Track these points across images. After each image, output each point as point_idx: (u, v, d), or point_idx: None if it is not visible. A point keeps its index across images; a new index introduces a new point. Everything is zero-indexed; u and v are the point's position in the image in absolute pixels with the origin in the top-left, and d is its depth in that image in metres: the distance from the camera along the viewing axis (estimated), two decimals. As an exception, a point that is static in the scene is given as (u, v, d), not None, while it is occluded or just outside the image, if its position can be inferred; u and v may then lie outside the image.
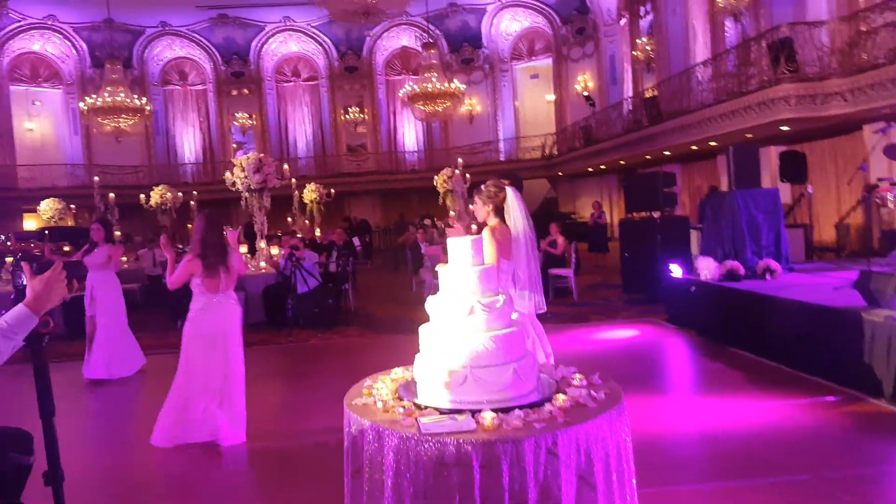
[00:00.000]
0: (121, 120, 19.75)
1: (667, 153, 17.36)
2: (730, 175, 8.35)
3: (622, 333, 8.01)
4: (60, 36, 23.95)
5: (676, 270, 8.16)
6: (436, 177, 16.17)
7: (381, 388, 2.70)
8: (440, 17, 26.30)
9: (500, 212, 3.72)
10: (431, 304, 2.65)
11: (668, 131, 15.61)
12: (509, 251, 3.68)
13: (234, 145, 27.77)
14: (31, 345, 1.94)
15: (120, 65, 20.83)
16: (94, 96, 19.14)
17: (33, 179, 22.51)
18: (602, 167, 21.97)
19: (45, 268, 1.92)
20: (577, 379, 2.74)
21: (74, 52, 24.21)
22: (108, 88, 19.38)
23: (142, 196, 16.54)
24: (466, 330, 2.55)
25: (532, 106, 27.53)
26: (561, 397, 2.47)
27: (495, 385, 2.49)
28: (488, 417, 2.29)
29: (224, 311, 4.56)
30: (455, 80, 20.94)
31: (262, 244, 10.20)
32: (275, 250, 10.37)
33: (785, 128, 12.45)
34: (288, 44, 27.38)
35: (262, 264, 9.82)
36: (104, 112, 19.31)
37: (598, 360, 6.62)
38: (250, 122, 27.18)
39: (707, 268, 7.57)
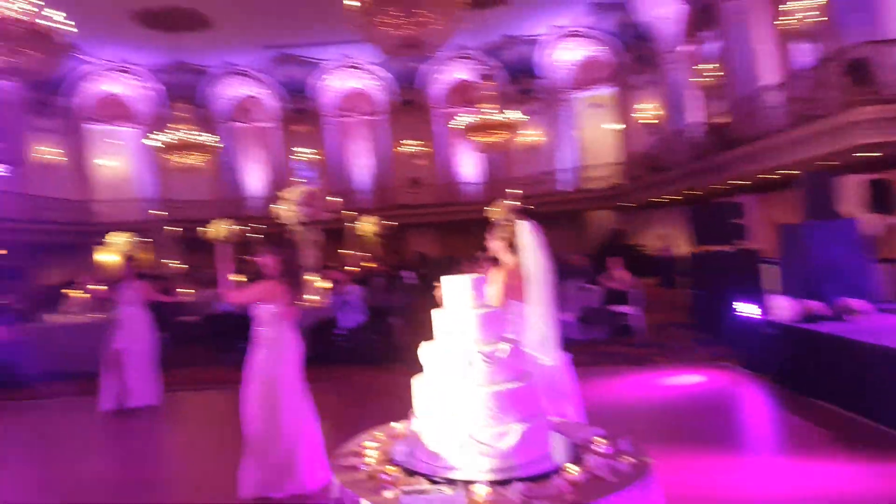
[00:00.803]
0: (189, 156, 20.70)
1: (739, 182, 16.50)
2: (805, 206, 7.68)
3: (688, 379, 7.42)
4: (134, 77, 25.35)
5: (749, 309, 7.49)
6: (486, 209, 15.91)
7: (371, 447, 2.40)
8: (497, 49, 26.37)
9: (514, 248, 3.39)
10: (424, 351, 2.34)
11: (735, 159, 14.85)
12: (520, 291, 3.33)
13: (299, 179, 28.52)
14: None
15: (189, 104, 21.94)
16: (164, 134, 20.11)
17: (109, 214, 23.65)
18: (670, 198, 21.14)
19: None
20: (601, 444, 2.35)
21: (149, 92, 25.56)
22: (178, 126, 20.40)
23: (199, 229, 17.04)
24: (464, 384, 2.23)
25: (595, 135, 27.03)
26: (573, 468, 2.10)
27: (496, 451, 2.15)
28: (482, 492, 1.95)
29: (293, 343, 4.33)
30: (514, 111, 20.80)
31: (312, 277, 10.13)
32: (326, 283, 10.29)
33: (865, 153, 11.57)
34: (347, 80, 28.06)
35: (313, 298, 9.75)
36: (174, 149, 20.32)
37: (657, 411, 6.09)
38: (312, 156, 27.83)
39: (782, 307, 6.89)
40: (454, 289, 2.37)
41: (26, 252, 20.57)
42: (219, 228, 9.71)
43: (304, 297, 4.46)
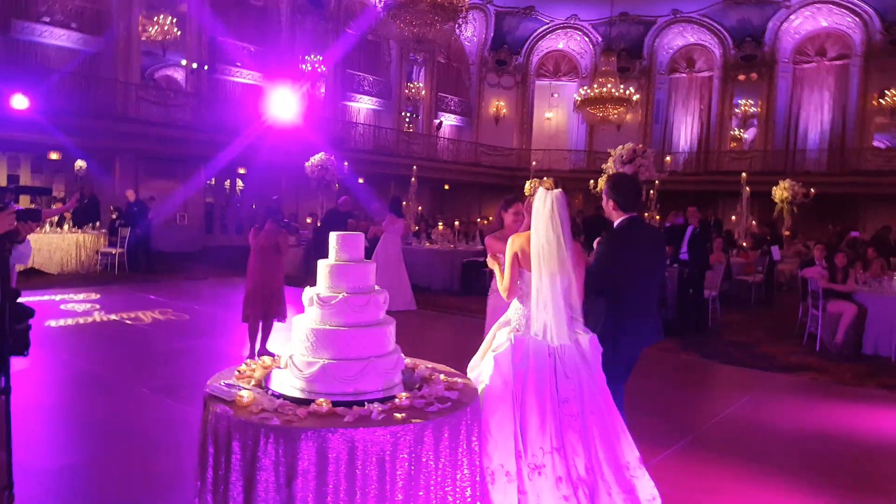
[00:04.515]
0: (606, 110, 21.95)
1: None
2: None
3: None
4: (580, 33, 27.62)
5: None
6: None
7: (267, 362, 3.18)
8: None
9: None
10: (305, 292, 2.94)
11: None
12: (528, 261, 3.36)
13: (737, 132, 27.10)
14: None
15: (630, 56, 22.78)
16: (585, 88, 21.79)
17: (541, 162, 26.95)
18: None
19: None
20: (403, 397, 2.63)
21: (591, 47, 27.55)
22: (599, 79, 21.81)
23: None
24: (306, 319, 2.82)
25: None
26: (323, 402, 2.52)
27: (305, 375, 2.70)
28: (245, 394, 2.61)
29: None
30: None
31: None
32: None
33: None
34: (816, 18, 24.69)
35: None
36: (593, 102, 21.85)
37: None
38: (753, 109, 25.83)
39: None
40: (331, 242, 2.94)
41: (463, 190, 25.52)
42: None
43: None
